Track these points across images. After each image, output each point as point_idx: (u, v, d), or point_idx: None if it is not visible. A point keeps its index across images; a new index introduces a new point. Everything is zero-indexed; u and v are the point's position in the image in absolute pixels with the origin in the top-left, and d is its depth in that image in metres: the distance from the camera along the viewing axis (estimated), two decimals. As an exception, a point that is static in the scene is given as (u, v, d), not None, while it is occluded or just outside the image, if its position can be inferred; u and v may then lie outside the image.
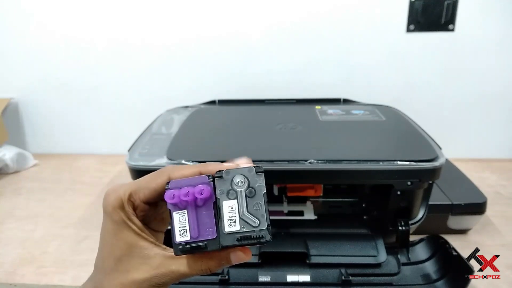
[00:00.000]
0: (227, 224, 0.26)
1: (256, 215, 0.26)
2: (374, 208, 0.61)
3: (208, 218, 0.27)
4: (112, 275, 0.29)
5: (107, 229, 0.29)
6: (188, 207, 0.27)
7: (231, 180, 0.27)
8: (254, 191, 0.27)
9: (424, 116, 0.77)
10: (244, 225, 0.26)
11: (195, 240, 0.26)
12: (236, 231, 0.26)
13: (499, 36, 0.87)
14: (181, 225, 0.27)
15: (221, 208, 0.26)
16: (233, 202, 0.26)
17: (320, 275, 0.51)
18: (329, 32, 0.90)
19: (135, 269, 0.28)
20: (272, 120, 0.67)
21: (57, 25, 0.93)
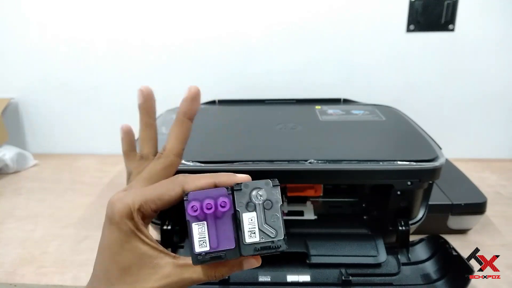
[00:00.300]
0: (247, 235, 0.27)
1: (274, 227, 0.27)
2: (374, 208, 0.61)
3: (226, 229, 0.27)
4: (119, 286, 0.28)
5: (113, 239, 0.28)
6: (208, 219, 0.28)
7: (249, 192, 0.28)
8: (271, 203, 0.28)
9: (424, 116, 0.77)
10: (263, 236, 0.27)
11: (215, 250, 0.27)
12: (256, 242, 0.27)
13: (499, 36, 0.87)
14: (201, 236, 0.27)
15: (241, 220, 0.27)
16: (253, 214, 0.28)
17: (320, 275, 0.51)
18: (329, 32, 0.90)
19: (144, 280, 0.28)
20: (272, 120, 0.67)
21: (57, 25, 0.93)
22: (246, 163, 0.52)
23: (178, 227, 0.56)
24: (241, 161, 0.52)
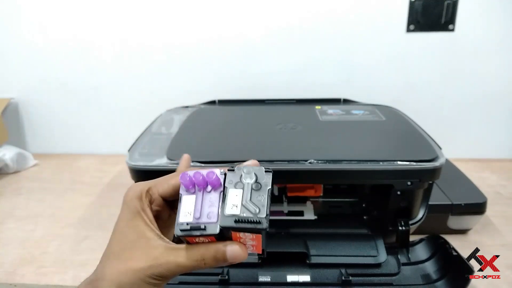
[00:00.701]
0: (229, 207, 0.27)
1: (258, 205, 0.27)
2: (374, 208, 0.61)
3: (213, 205, 0.28)
4: (114, 262, 0.30)
5: (121, 217, 0.31)
6: (198, 192, 0.29)
7: (241, 174, 0.29)
8: (260, 185, 0.28)
9: (424, 116, 0.77)
10: (245, 211, 0.27)
11: (197, 222, 0.27)
12: (236, 214, 0.27)
13: (499, 36, 0.87)
14: (187, 208, 0.28)
15: (227, 194, 0.28)
16: (239, 191, 0.28)
17: (320, 275, 0.51)
18: (329, 32, 0.90)
19: (136, 259, 0.29)
20: (272, 120, 0.67)
21: (57, 26, 0.93)
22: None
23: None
24: (241, 161, 0.52)
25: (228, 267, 0.52)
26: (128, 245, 0.30)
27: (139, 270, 0.29)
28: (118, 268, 0.29)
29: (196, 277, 0.52)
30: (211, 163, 0.52)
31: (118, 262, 0.30)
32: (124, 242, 0.30)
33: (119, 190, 0.84)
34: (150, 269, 0.29)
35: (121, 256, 0.30)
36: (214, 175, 0.29)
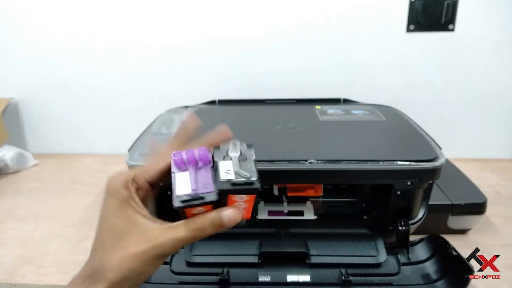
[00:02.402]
0: (223, 175, 0.30)
1: (248, 171, 0.30)
2: (374, 208, 0.61)
3: (206, 178, 0.31)
4: (111, 253, 0.30)
5: (108, 208, 0.31)
6: (190, 168, 0.31)
7: (226, 150, 0.32)
8: (246, 157, 0.32)
9: (424, 116, 0.77)
10: (238, 176, 0.30)
11: (195, 193, 0.29)
12: (231, 179, 0.29)
13: (499, 36, 0.87)
14: (183, 182, 0.30)
15: (218, 167, 0.31)
16: (228, 162, 0.31)
17: (320, 275, 0.51)
18: (329, 32, 0.90)
19: (134, 244, 0.29)
20: (272, 120, 0.67)
21: (57, 25, 0.93)
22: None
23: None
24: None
25: (228, 268, 0.52)
26: (121, 233, 0.30)
27: (140, 254, 0.29)
28: (117, 257, 0.30)
29: (196, 277, 0.52)
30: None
31: (115, 252, 0.30)
32: (115, 231, 0.30)
33: (119, 190, 0.84)
34: (150, 251, 0.29)
35: (117, 245, 0.30)
36: (205, 152, 0.32)
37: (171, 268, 0.53)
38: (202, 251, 0.53)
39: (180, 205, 0.29)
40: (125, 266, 0.29)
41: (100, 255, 0.31)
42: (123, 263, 0.29)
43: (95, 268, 0.30)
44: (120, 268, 0.29)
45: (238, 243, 0.54)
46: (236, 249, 0.54)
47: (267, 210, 0.62)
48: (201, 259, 0.53)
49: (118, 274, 0.29)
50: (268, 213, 0.62)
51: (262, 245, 0.53)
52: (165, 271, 0.53)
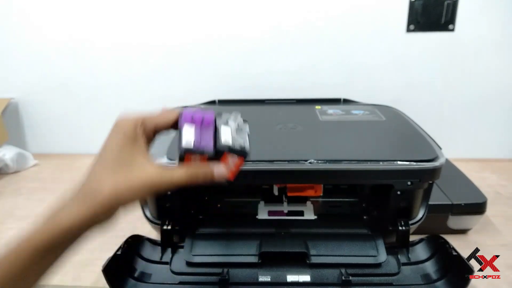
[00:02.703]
0: (223, 138, 0.36)
1: (243, 139, 0.37)
2: (374, 208, 0.61)
3: (208, 137, 0.36)
4: (112, 175, 0.32)
5: (115, 141, 0.34)
6: (196, 124, 0.36)
7: (227, 118, 0.38)
8: (241, 129, 0.38)
9: (424, 116, 0.77)
10: (235, 142, 0.36)
11: (198, 145, 0.35)
12: (229, 142, 0.36)
13: (499, 36, 0.87)
14: (188, 134, 0.35)
15: (219, 129, 0.37)
16: (228, 128, 0.37)
17: (320, 275, 0.51)
18: (329, 32, 0.90)
19: (134, 176, 0.33)
20: (272, 120, 0.67)
21: (57, 26, 0.93)
22: (246, 163, 0.52)
23: (178, 227, 0.56)
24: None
25: (228, 268, 0.52)
26: (123, 164, 0.33)
27: (137, 185, 0.32)
28: (116, 180, 0.32)
29: (196, 277, 0.52)
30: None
31: (116, 175, 0.32)
32: (119, 161, 0.33)
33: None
34: (147, 185, 0.33)
35: (119, 171, 0.32)
36: (211, 115, 0.37)
37: (171, 268, 0.53)
38: (202, 251, 0.53)
39: (183, 152, 0.34)
40: (120, 190, 0.32)
41: (100, 175, 0.32)
42: (120, 187, 0.32)
43: (91, 187, 0.32)
44: (116, 190, 0.32)
45: (238, 243, 0.54)
46: (236, 249, 0.54)
47: (267, 210, 0.62)
48: (201, 259, 0.53)
49: (113, 195, 0.31)
50: (268, 213, 0.62)
51: (262, 245, 0.53)
52: (165, 271, 0.53)
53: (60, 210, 0.32)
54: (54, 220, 0.31)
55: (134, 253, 0.54)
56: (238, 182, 0.40)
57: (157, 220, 0.58)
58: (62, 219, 0.31)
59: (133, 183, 0.32)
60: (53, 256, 0.31)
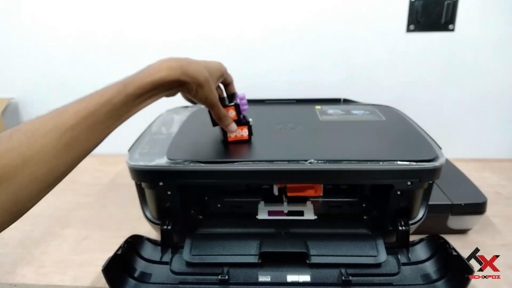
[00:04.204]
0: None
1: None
2: (374, 208, 0.61)
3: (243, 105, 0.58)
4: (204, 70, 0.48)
5: (208, 65, 0.51)
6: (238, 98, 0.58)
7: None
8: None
9: (424, 116, 0.77)
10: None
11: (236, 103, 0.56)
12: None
13: (499, 36, 0.87)
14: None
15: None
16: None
17: (320, 275, 0.51)
18: (329, 32, 0.90)
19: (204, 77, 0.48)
20: (272, 120, 0.67)
21: (57, 25, 0.93)
22: (246, 163, 0.52)
23: (178, 227, 0.57)
24: (241, 161, 0.52)
25: (228, 268, 0.52)
26: (208, 74, 0.49)
27: (203, 78, 0.47)
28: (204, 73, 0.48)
29: (196, 277, 0.52)
30: (211, 163, 0.52)
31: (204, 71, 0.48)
32: (208, 72, 0.49)
33: (119, 190, 0.84)
34: (206, 87, 0.48)
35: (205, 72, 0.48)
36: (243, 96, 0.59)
37: (171, 268, 0.53)
38: (202, 251, 0.54)
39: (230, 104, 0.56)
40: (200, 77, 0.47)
41: (198, 65, 0.48)
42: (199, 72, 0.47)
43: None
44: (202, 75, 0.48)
45: (238, 243, 0.54)
46: (236, 249, 0.54)
47: (267, 210, 0.62)
48: (201, 259, 0.53)
49: (201, 77, 0.48)
50: (268, 213, 0.62)
51: (262, 245, 0.53)
52: (165, 271, 0.53)
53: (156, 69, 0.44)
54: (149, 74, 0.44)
55: (134, 253, 0.54)
56: (238, 182, 0.40)
57: (157, 220, 0.58)
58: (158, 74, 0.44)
59: (204, 74, 0.48)
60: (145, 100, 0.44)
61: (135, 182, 0.56)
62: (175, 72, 0.44)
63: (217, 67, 0.53)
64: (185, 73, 0.45)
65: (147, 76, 0.43)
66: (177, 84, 0.45)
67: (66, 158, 0.37)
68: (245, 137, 0.58)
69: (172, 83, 0.45)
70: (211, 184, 0.61)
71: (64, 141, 0.36)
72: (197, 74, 0.46)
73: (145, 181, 0.54)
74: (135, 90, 0.42)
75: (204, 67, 0.48)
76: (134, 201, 0.59)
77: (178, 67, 0.45)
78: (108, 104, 0.40)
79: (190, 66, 0.46)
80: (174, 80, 0.44)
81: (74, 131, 0.37)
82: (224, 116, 0.53)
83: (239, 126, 0.56)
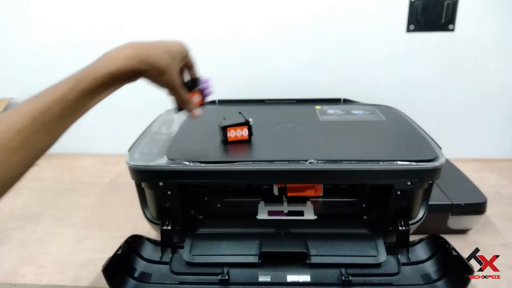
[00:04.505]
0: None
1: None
2: (374, 208, 0.61)
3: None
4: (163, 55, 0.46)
5: (169, 46, 0.49)
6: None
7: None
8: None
9: (424, 116, 0.77)
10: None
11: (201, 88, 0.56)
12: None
13: (499, 36, 0.87)
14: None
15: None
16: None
17: (320, 275, 0.51)
18: (329, 32, 0.90)
19: (165, 61, 0.46)
20: (272, 120, 0.67)
21: (57, 25, 0.93)
22: (246, 163, 0.52)
23: (178, 227, 0.57)
24: (241, 161, 0.52)
25: (228, 268, 0.52)
26: (168, 57, 0.47)
27: (165, 65, 0.46)
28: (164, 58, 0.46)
29: (196, 277, 0.52)
30: (211, 163, 0.52)
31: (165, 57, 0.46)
32: (168, 55, 0.47)
33: (119, 190, 0.84)
34: (168, 73, 0.47)
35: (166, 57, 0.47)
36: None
37: (171, 268, 0.53)
38: (202, 251, 0.53)
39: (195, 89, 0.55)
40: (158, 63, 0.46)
41: (154, 50, 0.45)
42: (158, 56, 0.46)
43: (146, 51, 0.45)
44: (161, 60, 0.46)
45: (238, 243, 0.54)
46: (236, 249, 0.54)
47: (267, 210, 0.62)
48: (201, 259, 0.53)
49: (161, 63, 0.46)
50: (268, 213, 0.62)
51: (262, 245, 0.53)
52: (165, 271, 0.53)
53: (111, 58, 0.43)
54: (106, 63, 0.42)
55: (134, 253, 0.54)
56: (238, 182, 0.40)
57: (157, 220, 0.58)
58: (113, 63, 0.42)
59: (166, 61, 0.46)
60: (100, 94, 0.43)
61: (135, 182, 0.56)
62: (133, 61, 0.42)
63: (179, 49, 0.50)
64: (144, 61, 0.43)
65: (102, 67, 0.42)
66: (135, 73, 0.43)
67: (18, 161, 0.36)
68: (245, 137, 0.58)
69: (129, 73, 0.43)
70: (211, 184, 0.61)
71: (16, 143, 0.35)
72: (157, 60, 0.44)
73: (145, 181, 0.54)
74: (90, 84, 0.40)
75: (164, 51, 0.46)
76: (134, 201, 0.59)
77: (135, 55, 0.42)
78: (61, 102, 0.39)
79: (148, 52, 0.43)
80: (132, 69, 0.42)
81: (26, 133, 0.35)
82: (187, 101, 0.51)
83: (199, 103, 0.57)
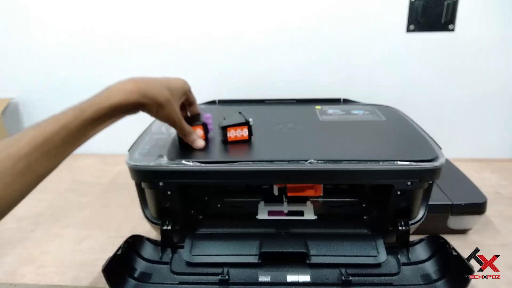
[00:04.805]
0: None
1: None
2: (374, 208, 0.61)
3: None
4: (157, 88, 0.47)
5: (170, 83, 0.50)
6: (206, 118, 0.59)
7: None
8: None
9: (424, 116, 0.77)
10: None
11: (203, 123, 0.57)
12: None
13: (499, 36, 0.87)
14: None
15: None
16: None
17: (320, 275, 0.51)
18: (329, 32, 0.90)
19: (165, 96, 0.47)
20: (272, 120, 0.67)
21: (57, 25, 0.93)
22: (246, 163, 0.52)
23: (178, 227, 0.57)
24: (241, 161, 0.52)
25: (228, 268, 0.52)
26: (164, 94, 0.47)
27: (164, 99, 0.47)
28: (165, 93, 0.48)
29: (196, 277, 0.52)
30: (211, 163, 0.52)
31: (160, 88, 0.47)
32: (168, 92, 0.48)
33: (119, 190, 0.84)
34: (167, 107, 0.48)
35: (165, 91, 0.48)
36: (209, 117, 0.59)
37: (171, 268, 0.53)
38: (202, 251, 0.54)
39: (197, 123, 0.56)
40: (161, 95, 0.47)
41: (155, 86, 0.47)
42: (160, 93, 0.47)
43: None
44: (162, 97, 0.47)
45: (238, 243, 0.54)
46: (236, 249, 0.54)
47: (267, 210, 0.62)
48: (201, 259, 0.53)
49: (161, 98, 0.47)
50: (268, 213, 0.62)
51: (262, 245, 0.53)
52: (165, 271, 0.53)
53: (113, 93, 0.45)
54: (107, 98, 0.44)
55: (134, 253, 0.54)
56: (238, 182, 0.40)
57: (157, 220, 0.58)
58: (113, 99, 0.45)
59: (165, 97, 0.47)
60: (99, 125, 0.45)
61: (135, 182, 0.56)
62: (133, 95, 0.45)
63: (179, 85, 0.52)
64: (144, 95, 0.45)
65: (104, 100, 0.44)
66: (135, 106, 0.46)
67: (20, 185, 0.37)
68: (245, 137, 0.58)
69: (130, 106, 0.45)
70: (211, 184, 0.61)
71: (18, 169, 0.36)
72: (156, 94, 0.46)
73: (145, 181, 0.54)
74: (92, 115, 0.43)
75: (164, 86, 0.48)
76: (134, 201, 0.59)
77: (136, 89, 0.45)
78: (63, 130, 0.41)
79: (148, 87, 0.46)
80: (132, 103, 0.45)
81: (29, 159, 0.37)
82: (190, 132, 0.53)
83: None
